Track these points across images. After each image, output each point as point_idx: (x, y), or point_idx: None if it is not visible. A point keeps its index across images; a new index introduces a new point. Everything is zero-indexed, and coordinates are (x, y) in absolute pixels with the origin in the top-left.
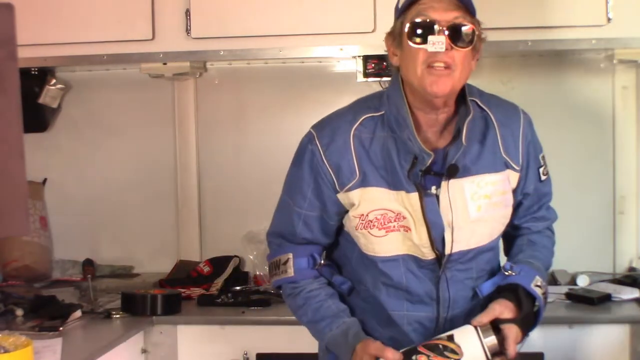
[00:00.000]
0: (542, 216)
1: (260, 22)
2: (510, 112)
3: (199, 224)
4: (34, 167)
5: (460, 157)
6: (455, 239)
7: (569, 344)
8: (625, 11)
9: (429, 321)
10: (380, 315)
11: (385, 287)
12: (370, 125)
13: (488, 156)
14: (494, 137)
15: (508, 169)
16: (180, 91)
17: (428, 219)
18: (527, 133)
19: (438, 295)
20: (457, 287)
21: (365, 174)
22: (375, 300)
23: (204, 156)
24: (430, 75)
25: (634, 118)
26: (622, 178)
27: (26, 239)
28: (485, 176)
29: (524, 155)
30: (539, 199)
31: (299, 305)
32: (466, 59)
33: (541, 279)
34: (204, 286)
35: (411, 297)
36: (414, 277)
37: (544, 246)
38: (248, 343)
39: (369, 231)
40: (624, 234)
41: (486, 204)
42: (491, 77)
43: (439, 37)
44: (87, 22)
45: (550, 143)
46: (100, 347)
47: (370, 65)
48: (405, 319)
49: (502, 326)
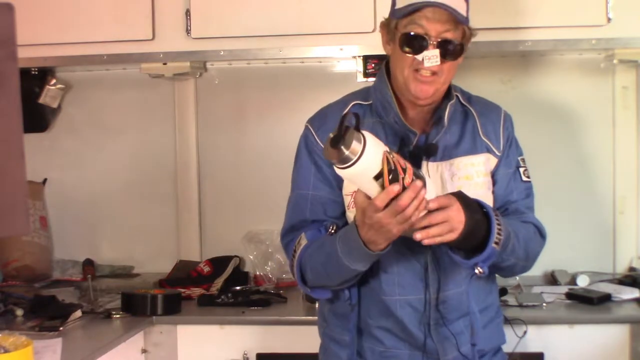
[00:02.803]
0: (529, 220)
1: (260, 22)
2: (490, 107)
3: (199, 224)
4: (34, 167)
5: (441, 138)
6: None
7: (569, 344)
8: (625, 11)
9: (419, 304)
10: (375, 304)
11: (377, 273)
12: (359, 112)
13: (467, 139)
14: (474, 123)
15: (489, 152)
16: (180, 91)
17: None
18: (507, 126)
19: (427, 276)
20: (446, 268)
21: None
22: (368, 288)
23: (204, 156)
24: (415, 80)
25: (634, 118)
26: (622, 178)
27: (26, 239)
28: (464, 158)
29: (505, 144)
30: (524, 203)
31: (315, 260)
32: (452, 66)
33: (506, 228)
34: (204, 286)
35: (402, 280)
36: (403, 258)
37: (524, 223)
38: (248, 343)
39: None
40: (624, 234)
41: (467, 184)
42: (491, 77)
43: (433, 51)
44: (87, 22)
45: (549, 143)
46: (100, 347)
47: (370, 65)
48: (398, 303)
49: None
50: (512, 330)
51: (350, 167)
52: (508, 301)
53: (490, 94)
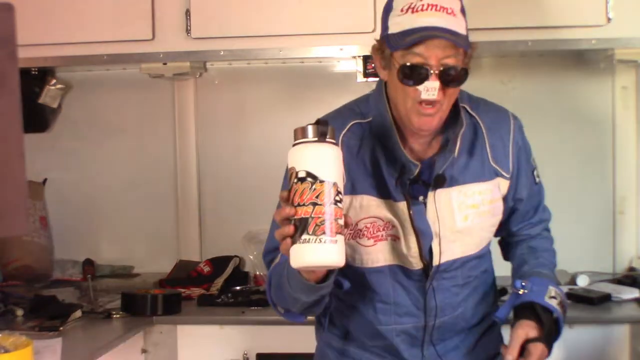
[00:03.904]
0: (539, 219)
1: (260, 22)
2: (499, 118)
3: (199, 224)
4: (34, 167)
5: (448, 167)
6: (443, 249)
7: (569, 344)
8: (625, 11)
9: (416, 330)
10: (369, 330)
11: (373, 303)
12: (358, 132)
13: (476, 165)
14: (482, 146)
15: (498, 177)
16: (180, 91)
17: (417, 227)
18: (517, 139)
19: (425, 304)
20: (444, 295)
21: (354, 181)
22: (362, 317)
23: (204, 156)
24: (418, 114)
25: (634, 118)
26: (622, 178)
27: (26, 239)
28: (472, 185)
29: (514, 162)
30: (534, 203)
31: (275, 282)
32: (455, 91)
33: (555, 288)
34: (204, 286)
35: (399, 310)
36: (401, 288)
37: (545, 249)
38: (248, 343)
39: (358, 241)
40: (624, 234)
41: (473, 213)
42: (491, 77)
43: (433, 82)
44: (87, 22)
45: (549, 143)
46: (100, 347)
47: (370, 66)
48: (394, 331)
49: (529, 345)
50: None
51: (312, 143)
52: None
53: (490, 94)
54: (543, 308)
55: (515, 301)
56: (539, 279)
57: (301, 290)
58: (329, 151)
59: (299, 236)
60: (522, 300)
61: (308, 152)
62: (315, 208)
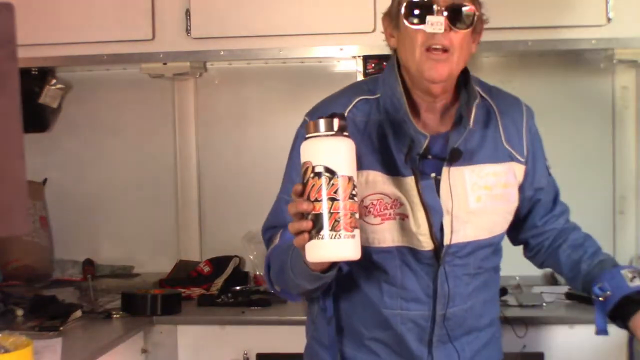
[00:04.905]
0: (561, 211)
1: (260, 22)
2: (512, 103)
3: (199, 224)
4: (34, 167)
5: (462, 142)
6: (455, 228)
7: (569, 344)
8: (625, 11)
9: (424, 320)
10: (372, 316)
11: (379, 283)
12: (364, 109)
13: (490, 146)
14: (495, 126)
15: (512, 161)
16: (180, 91)
17: (426, 202)
18: (530, 125)
19: (435, 291)
20: (455, 283)
21: (359, 157)
22: (367, 298)
23: (204, 156)
24: (428, 60)
25: (634, 118)
26: (622, 178)
27: (26, 239)
28: (486, 166)
29: (529, 147)
30: (552, 195)
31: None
32: (465, 41)
33: (626, 270)
34: (204, 286)
35: (406, 294)
36: (410, 271)
37: (585, 237)
38: (248, 343)
39: (364, 219)
40: (624, 234)
41: (486, 195)
42: (491, 77)
43: (437, 17)
44: (87, 22)
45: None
46: (100, 347)
47: (370, 65)
48: (399, 317)
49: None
50: (512, 330)
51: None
52: (508, 301)
53: None
54: (636, 293)
55: (607, 307)
56: (609, 273)
57: (305, 279)
58: (346, 145)
59: (317, 232)
60: (612, 304)
61: (325, 147)
62: (333, 204)
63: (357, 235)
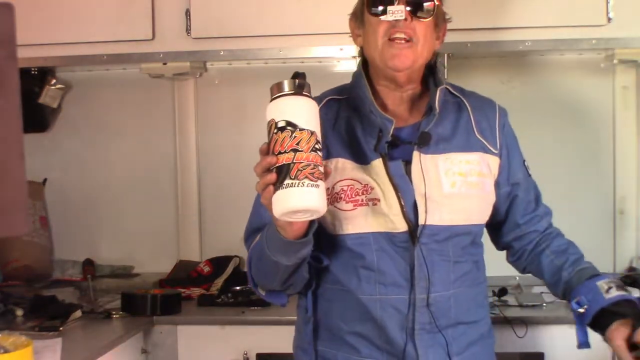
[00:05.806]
0: (544, 212)
1: (260, 22)
2: (484, 101)
3: (199, 223)
4: (34, 167)
5: (433, 128)
6: (429, 209)
7: (569, 344)
8: (625, 11)
9: (404, 305)
10: (352, 307)
11: (356, 270)
12: (334, 107)
13: (462, 136)
14: (467, 120)
15: (485, 152)
16: (180, 91)
17: (396, 183)
18: (503, 121)
19: (412, 275)
20: (434, 267)
21: (328, 147)
22: (345, 289)
23: (204, 156)
24: (390, 49)
25: (634, 118)
26: (622, 178)
27: (26, 239)
28: (459, 154)
29: (502, 140)
30: (533, 195)
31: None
32: (428, 31)
33: (602, 281)
34: (204, 286)
35: (384, 279)
36: (386, 255)
37: (568, 244)
38: (248, 343)
39: (336, 205)
40: (624, 234)
41: (461, 181)
42: (491, 77)
43: (398, 6)
44: (87, 22)
45: (550, 143)
46: (100, 347)
47: None
48: (379, 303)
49: (636, 335)
50: (512, 330)
51: (290, 95)
52: (508, 301)
53: (490, 94)
54: (612, 305)
55: (585, 320)
56: (585, 287)
57: (280, 252)
58: (307, 102)
59: (281, 182)
60: (591, 315)
61: (287, 104)
62: (296, 154)
63: (321, 186)
